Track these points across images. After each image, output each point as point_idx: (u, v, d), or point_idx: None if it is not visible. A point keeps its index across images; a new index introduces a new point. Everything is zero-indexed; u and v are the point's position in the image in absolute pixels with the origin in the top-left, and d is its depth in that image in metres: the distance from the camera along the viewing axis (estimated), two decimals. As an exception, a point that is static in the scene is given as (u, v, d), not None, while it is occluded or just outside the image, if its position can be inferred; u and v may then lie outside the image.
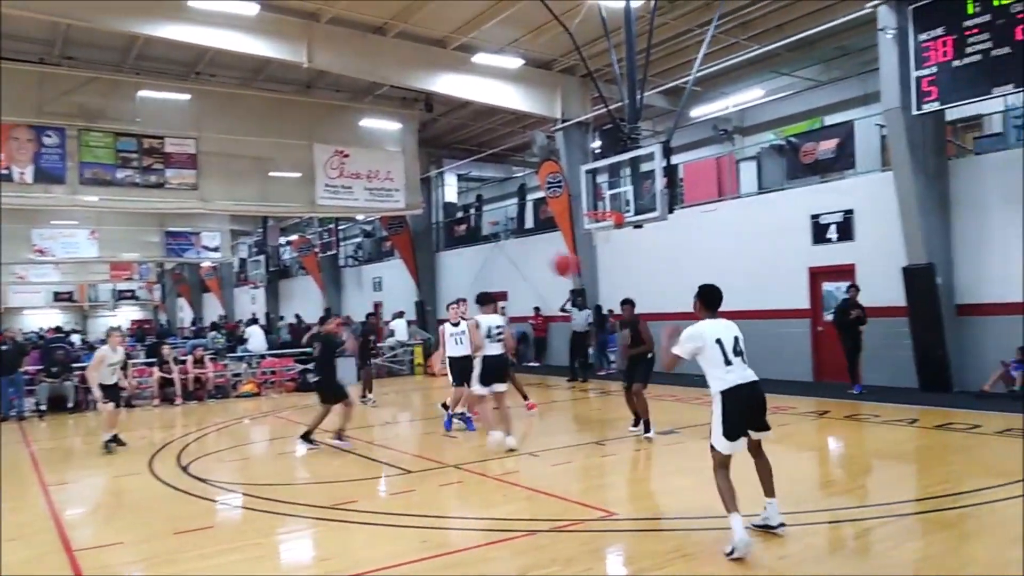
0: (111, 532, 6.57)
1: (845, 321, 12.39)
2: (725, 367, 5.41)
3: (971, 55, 10.89)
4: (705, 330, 5.56)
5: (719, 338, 5.48)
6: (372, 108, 19.47)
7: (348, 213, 23.15)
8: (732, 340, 5.50)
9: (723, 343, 5.46)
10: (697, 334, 5.55)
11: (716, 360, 5.43)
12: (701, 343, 5.50)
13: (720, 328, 5.58)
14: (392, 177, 19.44)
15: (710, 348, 5.46)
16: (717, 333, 5.52)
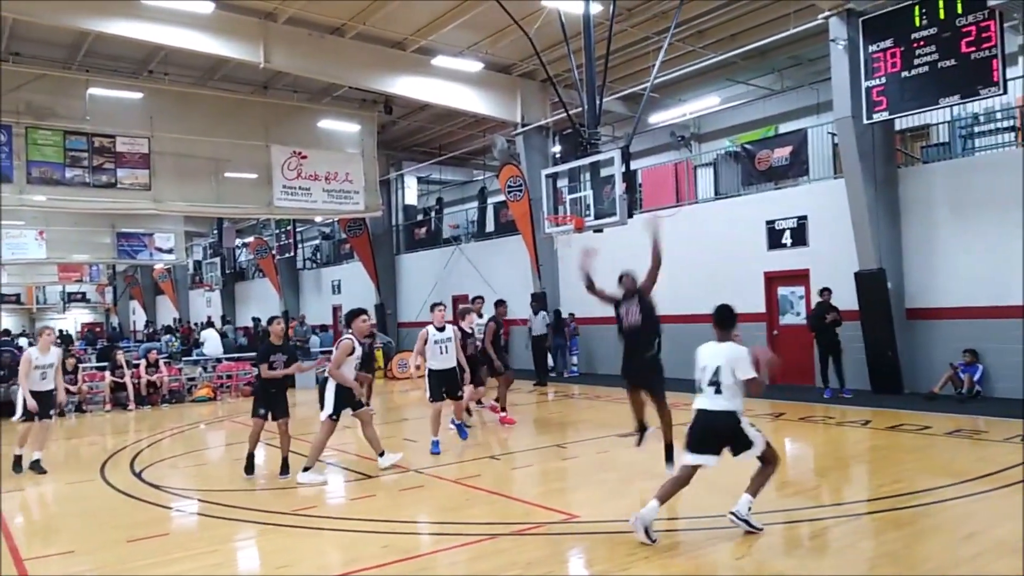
0: (62, 540, 6.39)
1: (820, 325, 12.60)
2: (697, 392, 5.80)
3: (919, 67, 11.24)
4: (699, 353, 5.96)
5: (704, 365, 5.82)
6: (331, 109, 19.29)
7: (306, 215, 22.87)
8: (712, 370, 5.71)
9: (705, 371, 5.76)
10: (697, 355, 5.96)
11: (697, 383, 5.85)
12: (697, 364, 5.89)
13: (707, 355, 5.85)
14: (351, 179, 19.28)
15: (697, 371, 5.87)
16: (703, 360, 5.86)
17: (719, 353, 5.72)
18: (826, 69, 13.69)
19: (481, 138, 22.15)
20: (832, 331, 12.48)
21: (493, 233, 22.06)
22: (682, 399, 13.02)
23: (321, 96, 19.28)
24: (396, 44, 16.12)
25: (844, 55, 12.21)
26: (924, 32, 11.18)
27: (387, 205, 23.85)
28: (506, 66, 17.57)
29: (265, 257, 29.49)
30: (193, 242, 35.40)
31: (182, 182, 17.28)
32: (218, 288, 32.98)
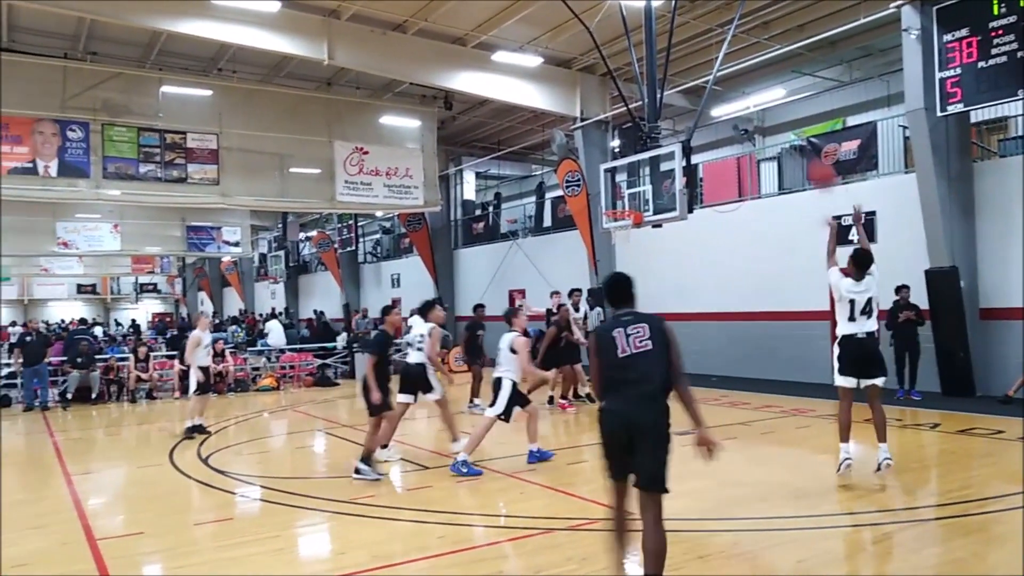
0: (133, 522, 6.66)
1: (894, 323, 12.25)
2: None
3: (996, 56, 10.77)
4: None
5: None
6: (392, 105, 19.54)
7: (367, 210, 23.26)
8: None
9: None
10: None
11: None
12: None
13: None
14: (411, 174, 19.50)
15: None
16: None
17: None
18: (897, 60, 13.25)
19: (540, 133, 22.13)
20: (908, 330, 12.08)
21: (550, 228, 22.03)
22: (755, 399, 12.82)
23: (383, 92, 19.54)
24: (457, 40, 16.22)
25: (917, 45, 11.79)
26: (1003, 21, 10.70)
27: (446, 200, 24.06)
28: (566, 60, 17.51)
29: (327, 251, 30.06)
30: (258, 235, 36.31)
31: (248, 177, 17.75)
32: (282, 281, 33.74)
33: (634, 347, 4.30)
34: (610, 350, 4.32)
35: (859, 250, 7.11)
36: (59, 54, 15.76)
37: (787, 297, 14.84)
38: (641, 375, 4.25)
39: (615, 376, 4.32)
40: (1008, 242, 11.99)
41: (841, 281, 6.99)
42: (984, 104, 11.35)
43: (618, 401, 4.30)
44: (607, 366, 4.34)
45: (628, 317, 4.43)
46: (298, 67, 17.56)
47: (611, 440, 4.32)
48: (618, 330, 4.36)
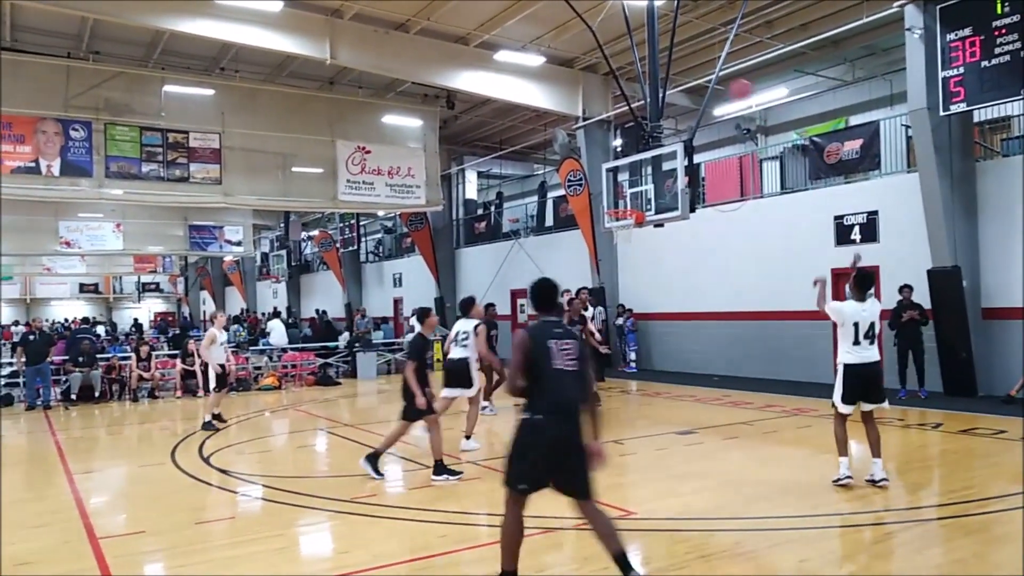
0: (134, 521, 6.66)
1: (897, 323, 12.25)
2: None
3: (999, 56, 10.76)
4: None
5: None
6: (394, 105, 19.54)
7: (369, 209, 23.27)
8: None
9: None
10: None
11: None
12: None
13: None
14: (413, 173, 19.50)
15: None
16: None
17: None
18: (900, 59, 13.24)
19: (542, 132, 22.13)
20: (912, 330, 12.07)
21: (552, 227, 22.03)
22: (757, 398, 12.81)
23: (385, 92, 19.55)
24: (459, 39, 16.22)
25: (920, 44, 11.77)
26: (1006, 20, 10.68)
27: (448, 199, 24.06)
28: (568, 60, 17.50)
29: (329, 250, 30.08)
30: (261, 235, 36.34)
31: (251, 176, 17.77)
32: (284, 280, 33.78)
33: (564, 362, 4.40)
34: (544, 358, 4.38)
35: (862, 270, 7.07)
36: (62, 53, 15.77)
37: (789, 297, 14.81)
38: (571, 391, 4.38)
39: (548, 387, 4.37)
40: (1011, 242, 11.97)
41: (843, 305, 6.85)
42: (987, 103, 11.33)
43: (555, 417, 4.34)
44: (539, 375, 4.38)
45: (559, 331, 4.54)
46: (300, 66, 17.57)
47: (544, 453, 4.34)
48: (552, 341, 4.43)
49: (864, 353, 6.70)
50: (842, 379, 6.74)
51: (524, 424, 4.41)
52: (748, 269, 15.71)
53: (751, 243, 15.69)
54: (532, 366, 4.40)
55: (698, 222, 12.81)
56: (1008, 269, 11.98)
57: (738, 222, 15.71)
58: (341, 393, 16.52)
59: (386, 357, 20.67)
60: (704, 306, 16.65)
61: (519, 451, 4.40)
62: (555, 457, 4.34)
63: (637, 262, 17.91)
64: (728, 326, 16.14)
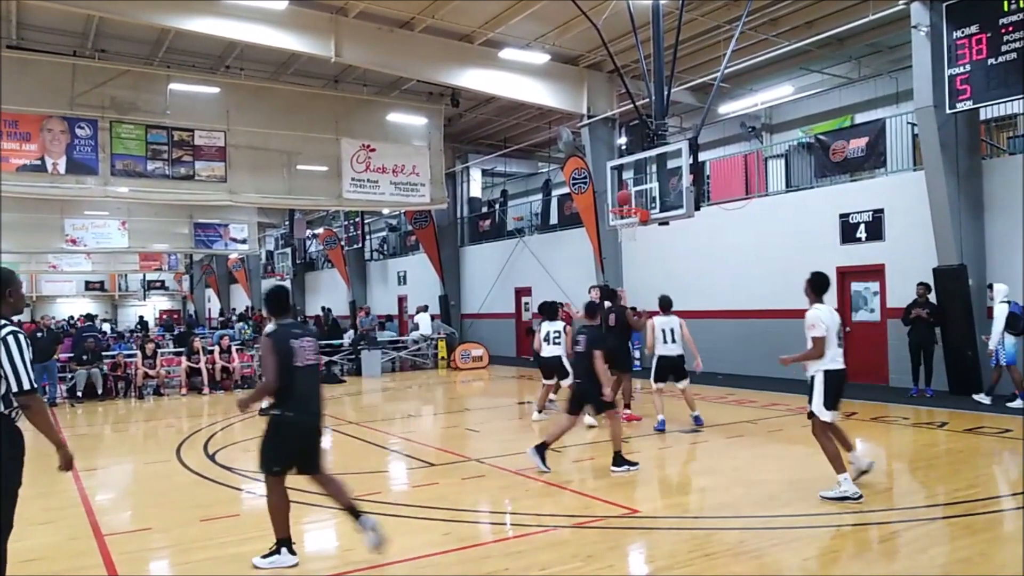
0: (140, 518, 6.69)
1: (907, 319, 12.22)
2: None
3: (1006, 53, 10.73)
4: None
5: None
6: (399, 103, 19.54)
7: (374, 207, 23.28)
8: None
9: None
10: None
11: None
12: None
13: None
14: (418, 172, 19.52)
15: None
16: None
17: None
18: (906, 57, 13.20)
19: (547, 130, 22.11)
20: (922, 328, 12.04)
21: (557, 226, 22.03)
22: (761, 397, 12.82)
23: (390, 90, 19.55)
24: (464, 37, 16.21)
25: (926, 42, 11.73)
26: (1013, 17, 10.65)
27: (452, 197, 24.07)
28: (573, 57, 17.48)
29: (334, 248, 30.12)
30: (265, 233, 36.39)
31: (256, 174, 17.79)
32: (289, 278, 33.83)
33: (305, 360, 5.11)
34: (290, 358, 5.02)
35: (817, 272, 6.77)
36: (68, 52, 15.80)
37: (794, 295, 14.67)
38: (314, 385, 5.19)
39: (295, 384, 5.02)
40: (1017, 240, 11.91)
41: (820, 313, 6.51)
42: (993, 101, 11.27)
43: (305, 410, 5.09)
44: (287, 372, 5.00)
45: (298, 330, 5.22)
46: (305, 64, 17.58)
47: (300, 444, 5.12)
48: (294, 340, 5.09)
49: (841, 358, 6.55)
50: (823, 386, 6.46)
51: (277, 421, 5.05)
52: (753, 267, 15.69)
53: (756, 241, 15.67)
54: (283, 367, 5.01)
55: (703, 220, 12.78)
56: (1014, 267, 11.93)
57: (743, 220, 15.69)
58: (345, 391, 16.55)
59: (391, 355, 20.71)
60: (709, 304, 16.62)
61: (275, 443, 5.08)
62: (303, 445, 5.13)
63: (642, 260, 17.89)
64: (732, 324, 16.11)
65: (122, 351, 17.32)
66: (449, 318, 24.00)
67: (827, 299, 6.68)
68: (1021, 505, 6.11)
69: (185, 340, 17.66)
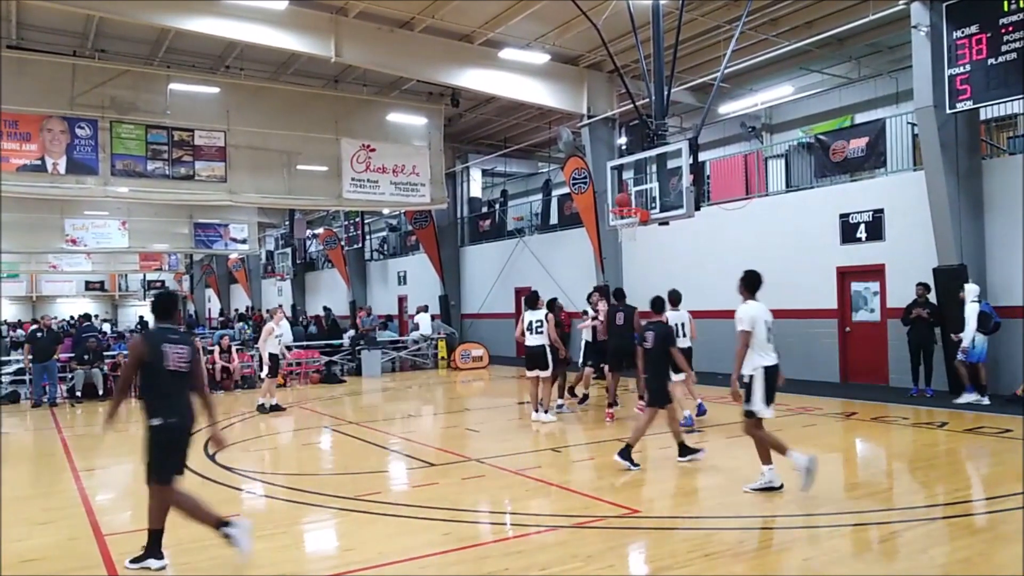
0: (140, 518, 6.66)
1: (907, 319, 12.24)
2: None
3: (1006, 53, 10.73)
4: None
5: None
6: (399, 103, 19.54)
7: (374, 207, 23.29)
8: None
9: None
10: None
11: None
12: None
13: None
14: (418, 172, 19.52)
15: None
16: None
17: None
18: (906, 57, 13.19)
19: (547, 130, 22.11)
20: (922, 328, 12.05)
21: (557, 226, 22.03)
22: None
23: (390, 90, 19.55)
24: (464, 37, 16.21)
25: (926, 42, 11.73)
26: (1013, 17, 10.65)
27: (452, 197, 24.06)
28: (573, 57, 17.48)
29: (334, 248, 30.13)
30: (265, 233, 36.40)
31: (256, 174, 17.79)
32: (289, 278, 33.85)
33: (177, 365, 5.22)
34: (159, 360, 5.15)
35: (749, 271, 7.06)
36: (68, 52, 15.80)
37: (794, 295, 14.79)
38: (182, 391, 5.28)
39: (163, 387, 5.20)
40: (1017, 240, 11.91)
41: (750, 309, 6.71)
42: (993, 101, 11.27)
43: (176, 413, 5.22)
44: (155, 376, 5.18)
45: (176, 336, 5.38)
46: (305, 64, 17.58)
47: (178, 446, 5.28)
48: (167, 344, 5.23)
49: (773, 354, 6.63)
50: (762, 382, 6.50)
51: (161, 428, 5.17)
52: (753, 267, 15.66)
53: (756, 241, 15.66)
54: (148, 369, 5.17)
55: (703, 220, 12.78)
56: (1014, 267, 11.94)
57: (743, 220, 15.69)
58: (346, 391, 16.55)
59: (391, 355, 20.71)
60: (708, 304, 16.58)
61: (166, 451, 5.20)
62: (184, 447, 5.32)
63: (642, 260, 17.89)
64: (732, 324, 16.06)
65: (122, 351, 17.30)
66: (449, 318, 24.00)
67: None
68: (1021, 505, 6.10)
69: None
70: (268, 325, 13.79)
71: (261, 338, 13.72)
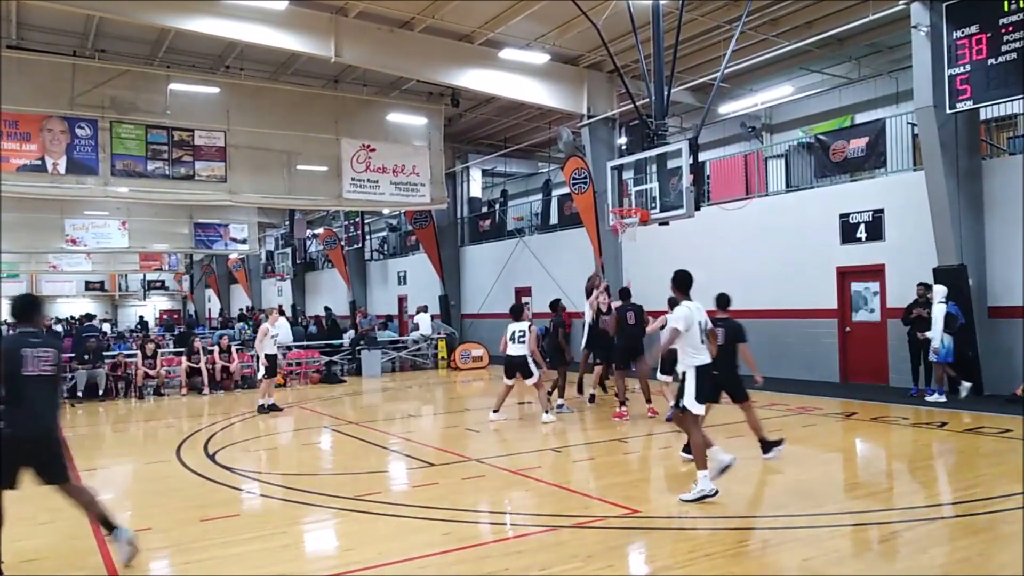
0: (140, 518, 6.68)
1: (907, 320, 12.24)
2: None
3: (1006, 53, 10.74)
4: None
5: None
6: (399, 103, 19.54)
7: (374, 207, 23.29)
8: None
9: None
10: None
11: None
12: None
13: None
14: (418, 172, 19.51)
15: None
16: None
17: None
18: (906, 57, 13.20)
19: (547, 130, 22.11)
20: (921, 328, 12.02)
21: (557, 225, 22.03)
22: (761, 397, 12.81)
23: (390, 90, 19.55)
24: (464, 37, 16.21)
25: (926, 42, 11.74)
26: (1013, 18, 10.66)
27: (452, 197, 24.07)
28: (573, 58, 17.48)
29: (334, 248, 30.14)
30: (265, 233, 36.41)
31: (256, 174, 17.78)
32: (289, 278, 33.86)
33: (39, 369, 5.03)
34: (18, 365, 4.96)
35: (679, 271, 7.24)
36: (68, 52, 15.79)
37: (794, 295, 14.81)
38: (45, 395, 5.08)
39: (23, 393, 4.97)
40: (1017, 240, 11.91)
41: (683, 310, 6.84)
42: (993, 101, 11.28)
43: (32, 420, 5.00)
44: (14, 380, 4.95)
45: (36, 339, 5.16)
46: (305, 64, 17.58)
47: (25, 457, 4.99)
48: (27, 349, 5.04)
49: (706, 353, 6.80)
50: (695, 380, 6.65)
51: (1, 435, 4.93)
52: (753, 267, 15.68)
53: (756, 241, 15.66)
54: (7, 374, 4.94)
55: (703, 220, 12.77)
56: (1014, 267, 11.94)
57: (743, 220, 15.69)
58: (346, 391, 16.55)
59: (391, 355, 20.70)
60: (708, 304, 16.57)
61: (8, 453, 4.93)
62: (30, 456, 5.01)
63: (641, 260, 17.88)
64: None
65: (122, 351, 17.32)
66: (449, 318, 24.00)
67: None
68: (1021, 505, 6.10)
69: (185, 340, 17.65)
70: (264, 326, 13.83)
71: (257, 339, 13.74)
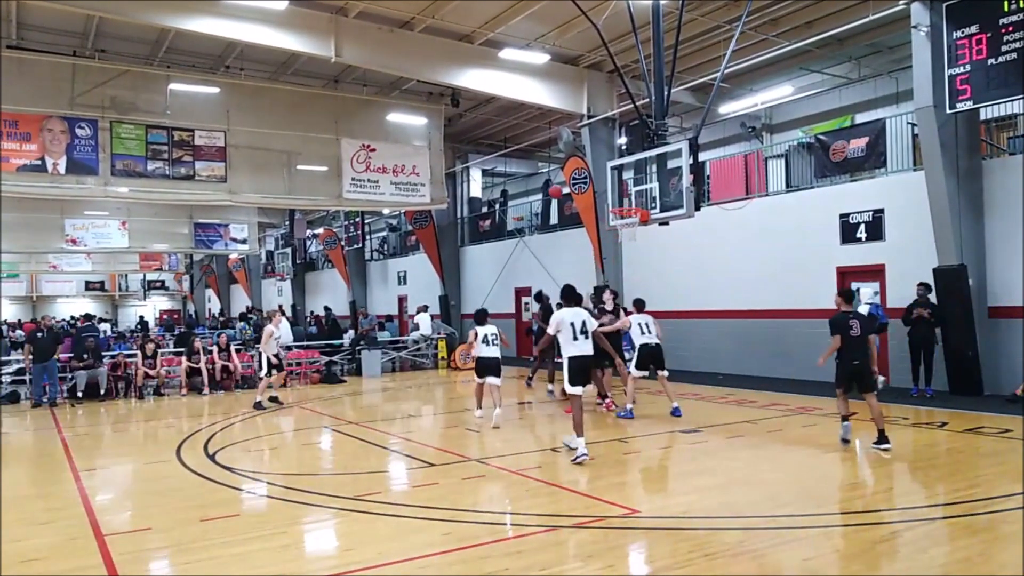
0: (140, 517, 6.69)
1: (908, 319, 12.25)
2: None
3: (1006, 53, 10.74)
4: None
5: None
6: (399, 103, 19.55)
7: (374, 207, 23.29)
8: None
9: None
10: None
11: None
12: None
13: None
14: (418, 172, 19.52)
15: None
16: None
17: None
18: (906, 57, 13.19)
19: (547, 130, 22.12)
20: (922, 328, 12.05)
21: (557, 225, 22.04)
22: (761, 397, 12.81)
23: (390, 90, 19.55)
24: (464, 37, 16.21)
25: (926, 42, 11.74)
26: (1013, 18, 10.66)
27: (452, 197, 24.07)
28: (573, 58, 17.48)
29: (334, 248, 30.14)
30: (266, 233, 36.42)
31: (256, 174, 17.79)
32: (289, 278, 33.87)
33: None
34: None
35: (566, 285, 8.91)
36: (68, 52, 15.80)
37: (794, 295, 14.80)
38: None
39: None
40: (1017, 240, 11.92)
41: (558, 315, 8.53)
42: (993, 101, 11.28)
43: None
44: None
45: None
46: (305, 64, 17.58)
47: None
48: None
49: (582, 347, 8.30)
50: (568, 367, 8.29)
51: None
52: (753, 267, 15.69)
53: (756, 241, 15.67)
54: None
55: (703, 220, 12.77)
56: (1014, 268, 11.94)
57: (743, 220, 15.69)
58: (346, 391, 16.55)
59: (391, 355, 20.70)
60: (708, 304, 16.64)
61: None
62: None
63: (642, 260, 17.89)
64: (732, 324, 16.12)
65: (122, 351, 17.32)
66: (449, 318, 24.01)
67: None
68: (1021, 505, 6.10)
69: (185, 340, 17.65)
70: (268, 328, 14.00)
71: (262, 341, 13.92)
